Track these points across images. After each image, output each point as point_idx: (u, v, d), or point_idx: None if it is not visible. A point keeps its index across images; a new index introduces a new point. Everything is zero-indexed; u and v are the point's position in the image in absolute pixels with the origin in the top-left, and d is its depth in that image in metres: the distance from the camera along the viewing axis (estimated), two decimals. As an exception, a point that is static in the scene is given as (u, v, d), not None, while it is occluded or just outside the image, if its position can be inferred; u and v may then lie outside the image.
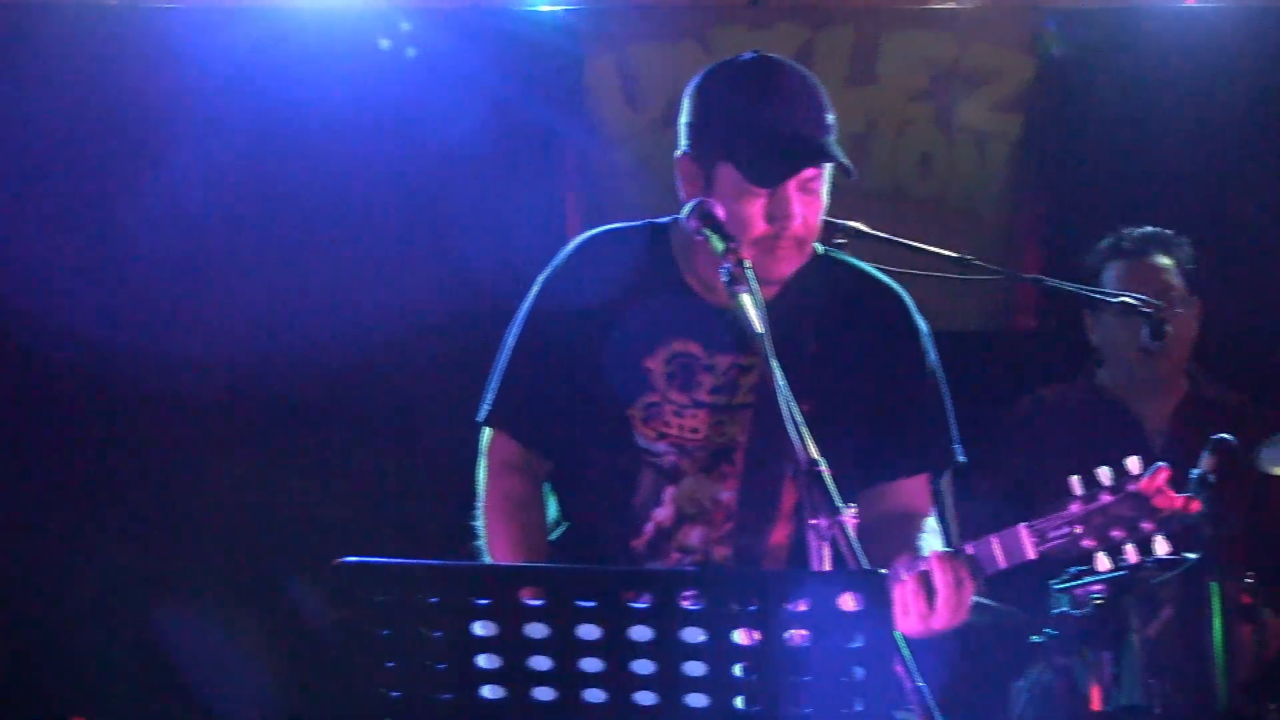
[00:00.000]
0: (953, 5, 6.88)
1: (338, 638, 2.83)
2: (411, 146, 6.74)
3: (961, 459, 4.15)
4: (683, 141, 4.00)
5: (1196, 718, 4.78)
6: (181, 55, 6.68)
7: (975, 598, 5.24)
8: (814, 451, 3.29)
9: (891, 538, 3.92)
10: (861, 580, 2.81)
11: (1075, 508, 3.64)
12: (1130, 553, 3.61)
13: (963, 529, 5.53)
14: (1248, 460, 5.55)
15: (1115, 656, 4.77)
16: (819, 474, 3.25)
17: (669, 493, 4.01)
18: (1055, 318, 6.66)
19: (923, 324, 4.18)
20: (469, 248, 6.53)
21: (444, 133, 6.75)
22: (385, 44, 6.76)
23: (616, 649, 2.74)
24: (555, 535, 4.12)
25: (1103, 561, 3.63)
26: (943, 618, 3.70)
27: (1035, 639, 4.89)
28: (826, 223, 4.82)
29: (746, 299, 3.49)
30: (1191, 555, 4.77)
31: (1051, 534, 3.64)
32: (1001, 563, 3.78)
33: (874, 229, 4.85)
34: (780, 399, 3.35)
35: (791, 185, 3.85)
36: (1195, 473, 4.81)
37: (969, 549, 3.76)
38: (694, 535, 4.01)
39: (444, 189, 6.77)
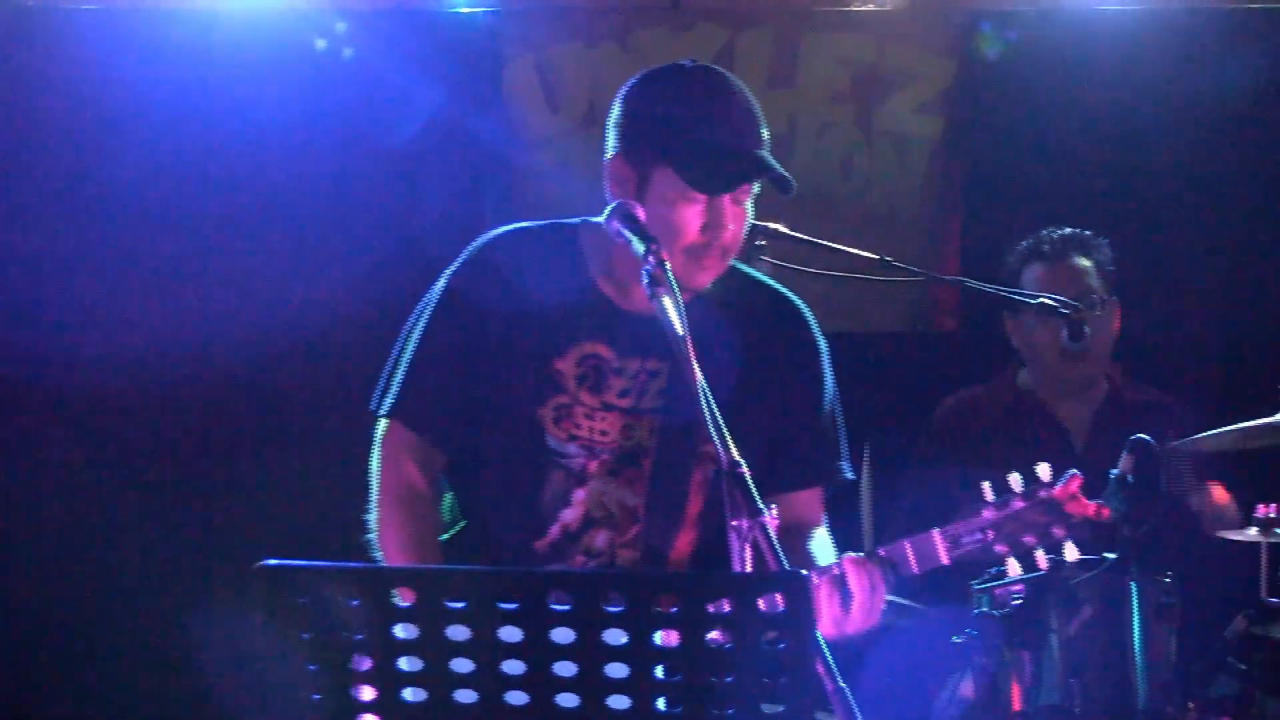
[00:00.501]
0: (873, 8, 6.90)
1: (260, 641, 2.81)
2: (330, 147, 6.72)
3: (850, 476, 4.19)
4: (613, 143, 3.98)
5: (1116, 717, 4.80)
6: (105, 57, 6.65)
7: (895, 599, 5.27)
8: (735, 453, 3.29)
9: (784, 548, 3.93)
10: (783, 581, 2.81)
11: (988, 514, 3.66)
12: (1040, 559, 3.64)
13: (884, 529, 5.56)
14: (1166, 460, 5.58)
15: (1035, 656, 4.79)
16: (741, 475, 3.26)
17: (578, 495, 4.01)
18: (976, 319, 6.68)
19: (823, 341, 4.21)
20: (388, 248, 6.51)
21: (363, 133, 6.74)
22: (321, 44, 6.74)
23: (538, 651, 2.73)
24: (449, 534, 4.10)
25: (1014, 566, 3.66)
26: (856, 621, 3.73)
27: (956, 639, 4.89)
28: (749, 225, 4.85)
29: (668, 301, 3.48)
30: (1110, 555, 4.79)
31: (964, 539, 3.67)
32: (914, 567, 3.81)
33: (795, 231, 4.86)
34: (701, 400, 3.35)
35: (727, 196, 3.87)
36: (1114, 473, 4.83)
37: (882, 552, 3.79)
38: (600, 538, 4.01)
39: (363, 190, 6.75)
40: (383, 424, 4.08)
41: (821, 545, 4.07)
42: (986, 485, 3.66)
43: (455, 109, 6.76)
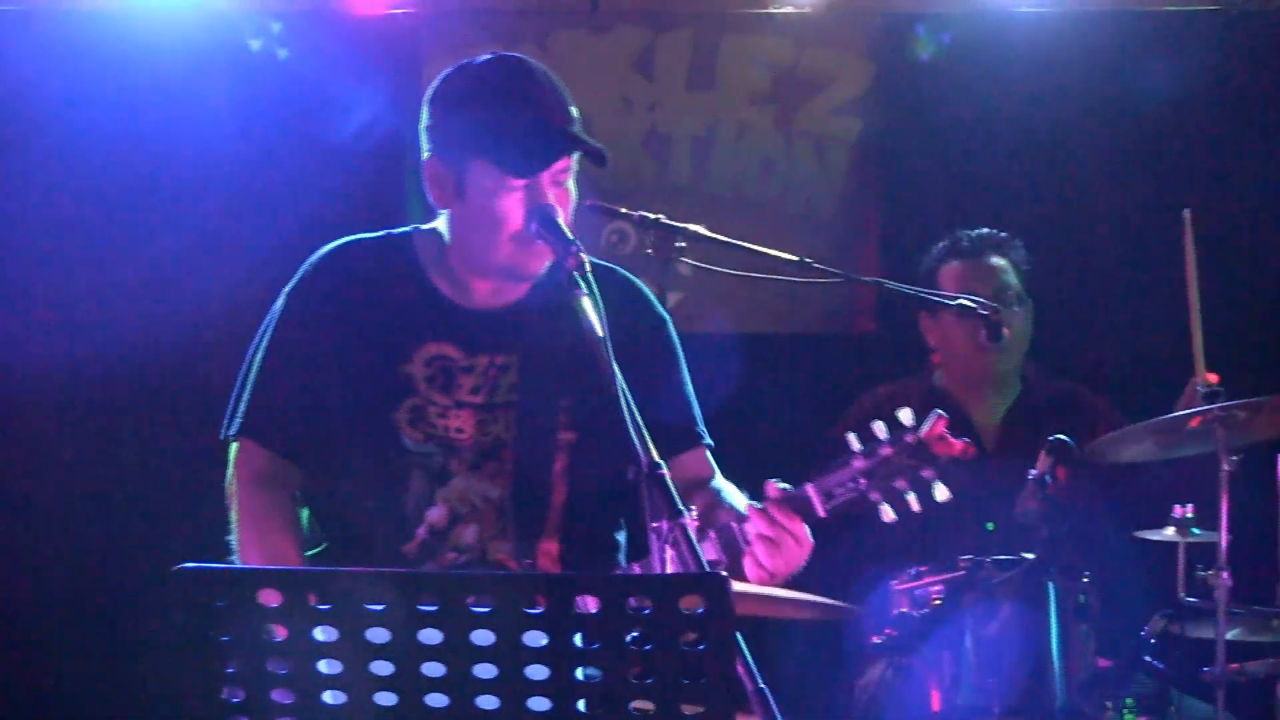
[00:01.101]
0: (791, 10, 6.92)
1: (178, 643, 2.80)
2: (250, 148, 6.68)
3: (709, 442, 4.21)
4: (426, 146, 4.02)
5: (1034, 716, 4.82)
6: (29, 59, 6.62)
7: (819, 599, 5.28)
8: (655, 454, 3.29)
9: (695, 504, 3.96)
10: (703, 583, 2.81)
11: (858, 463, 3.66)
12: (913, 502, 3.64)
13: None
14: (1083, 460, 5.62)
15: (954, 656, 4.81)
16: (660, 476, 3.26)
17: (441, 493, 4.00)
18: (894, 320, 6.71)
19: (666, 312, 4.26)
20: (308, 249, 6.47)
21: (283, 134, 6.71)
22: (255, 45, 6.71)
23: (458, 653, 2.73)
24: (312, 553, 4.06)
25: (887, 513, 3.66)
26: (788, 561, 3.74)
27: (876, 640, 4.91)
28: (667, 226, 4.84)
29: (587, 303, 3.52)
30: (1029, 555, 4.82)
31: (837, 490, 3.67)
32: None
33: (714, 232, 4.86)
34: (621, 402, 3.37)
35: (545, 178, 3.89)
36: (1032, 474, 4.86)
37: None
38: (469, 533, 4.00)
39: (283, 191, 6.71)
40: (234, 447, 4.07)
41: (729, 488, 4.11)
42: (852, 436, 3.66)
43: (376, 109, 6.74)
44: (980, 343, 5.59)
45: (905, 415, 3.65)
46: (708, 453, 4.21)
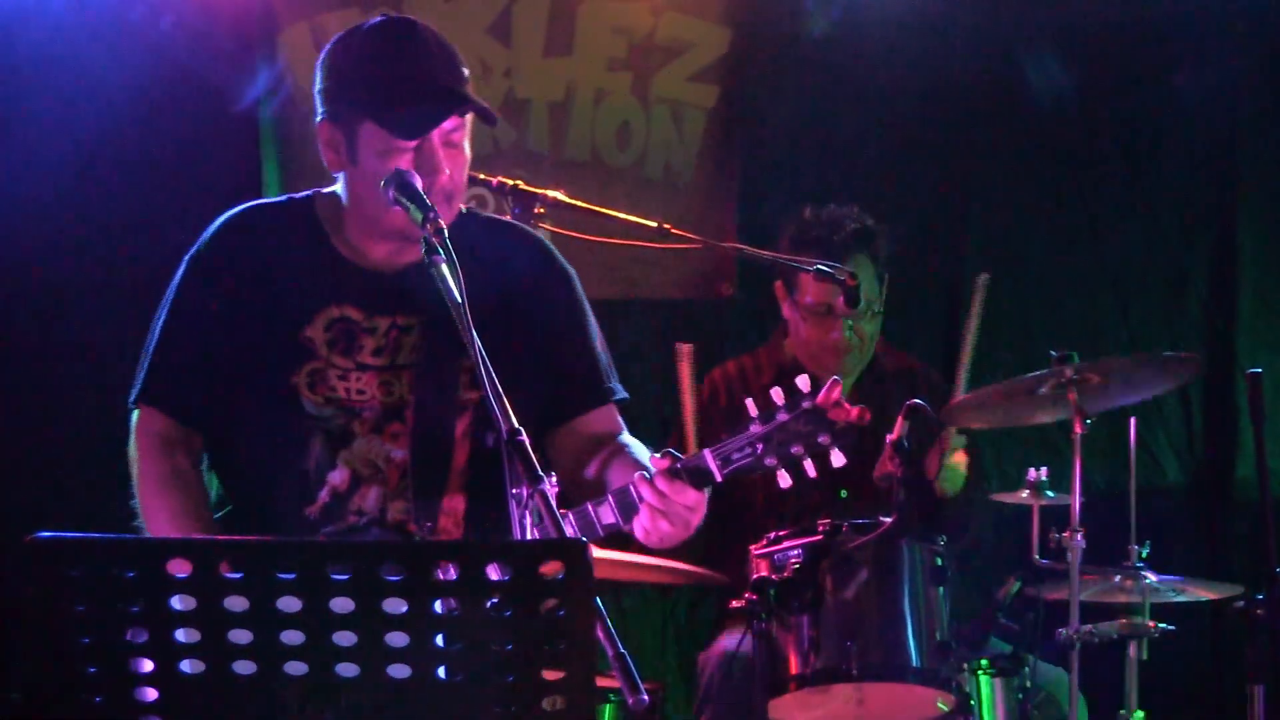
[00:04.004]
0: (649, -25, 6.92)
1: (32, 614, 2.76)
2: (105, 119, 6.59)
3: (624, 394, 4.24)
4: (319, 109, 4.00)
5: (892, 679, 4.86)
6: None
7: (682, 566, 5.30)
8: (515, 420, 3.30)
9: (598, 461, 4.05)
10: (563, 549, 2.81)
11: (755, 428, 3.67)
12: (809, 468, 3.66)
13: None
14: (938, 425, 5.67)
15: (813, 620, 4.83)
16: (521, 443, 3.27)
17: (343, 455, 4.00)
18: (753, 286, 6.72)
19: (570, 268, 4.26)
20: (167, 222, 6.41)
21: (137, 105, 6.62)
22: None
23: (317, 621, 2.72)
24: (219, 516, 4.07)
25: (784, 478, 3.68)
26: (676, 530, 3.74)
27: (734, 604, 4.93)
28: (526, 192, 4.84)
29: (446, 269, 3.52)
30: (886, 519, 4.85)
31: (735, 456, 3.68)
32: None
33: (572, 198, 4.86)
34: (480, 370, 3.37)
35: (436, 138, 3.88)
36: (890, 438, 4.90)
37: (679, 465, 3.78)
38: (370, 496, 4.00)
39: (140, 164, 6.64)
40: (135, 414, 4.07)
41: (635, 445, 4.12)
42: (749, 401, 3.68)
43: (230, 78, 6.68)
44: (837, 310, 5.61)
45: (802, 382, 3.67)
46: (615, 409, 4.22)
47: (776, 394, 3.67)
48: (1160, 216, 6.97)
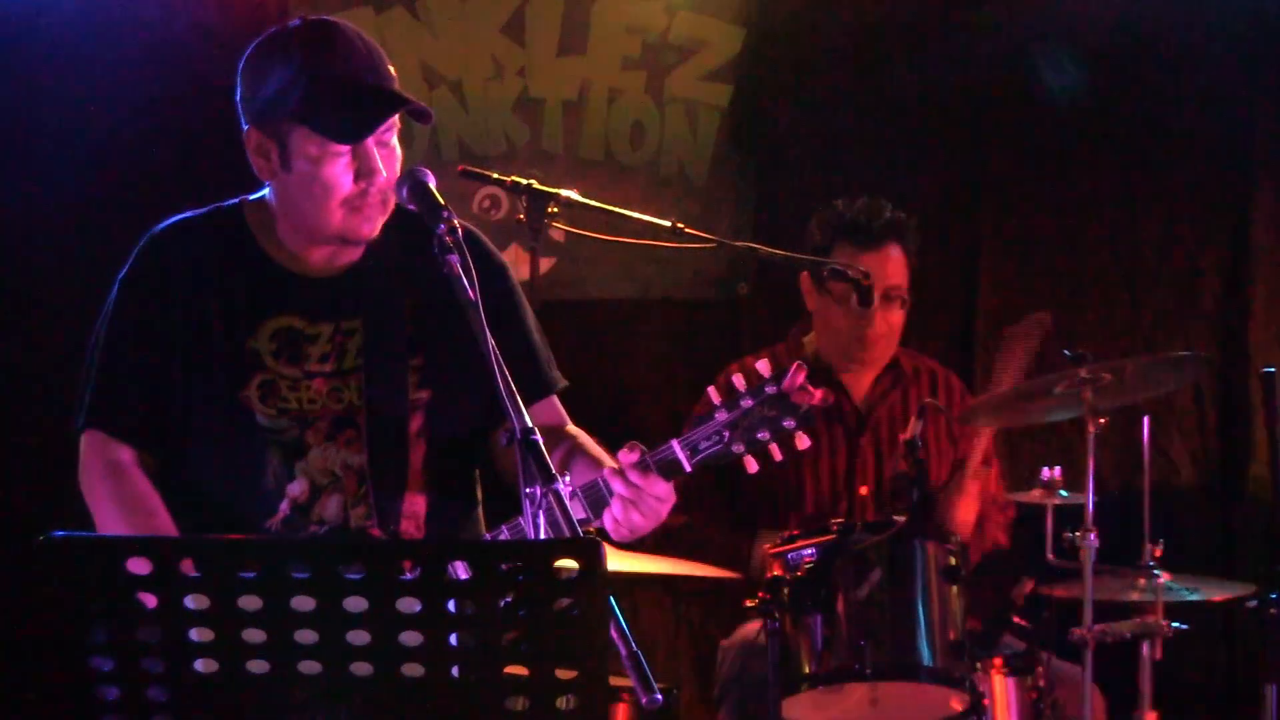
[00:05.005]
0: (661, -25, 6.92)
1: (44, 614, 2.77)
2: (115, 120, 6.61)
3: (564, 382, 4.21)
4: (245, 117, 3.94)
5: (905, 678, 4.86)
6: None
7: (703, 568, 5.30)
8: (528, 419, 3.29)
9: (558, 456, 3.98)
10: (577, 547, 2.82)
11: (721, 416, 3.67)
12: (775, 452, 3.66)
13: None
14: (951, 425, 5.68)
15: (826, 619, 4.83)
16: (534, 442, 3.26)
17: (299, 466, 3.96)
18: (769, 285, 6.72)
19: (501, 257, 4.19)
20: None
21: (147, 106, 6.63)
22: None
23: (331, 619, 2.72)
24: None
25: (751, 463, 3.68)
26: (646, 521, 3.74)
27: (748, 603, 4.93)
28: (540, 192, 4.84)
29: (460, 268, 3.49)
30: (899, 518, 4.86)
31: (703, 445, 3.68)
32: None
33: (586, 197, 4.86)
34: (494, 369, 3.36)
35: (370, 140, 3.83)
36: (904, 437, 4.90)
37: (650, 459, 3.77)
38: (331, 505, 3.97)
39: (150, 165, 6.65)
40: (84, 440, 4.00)
41: (582, 437, 4.09)
42: (712, 389, 3.68)
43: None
44: (854, 308, 5.61)
45: (764, 367, 3.67)
46: (556, 399, 4.19)
47: (739, 380, 3.68)
48: (1174, 215, 6.95)
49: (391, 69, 3.90)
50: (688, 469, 3.70)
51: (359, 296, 3.96)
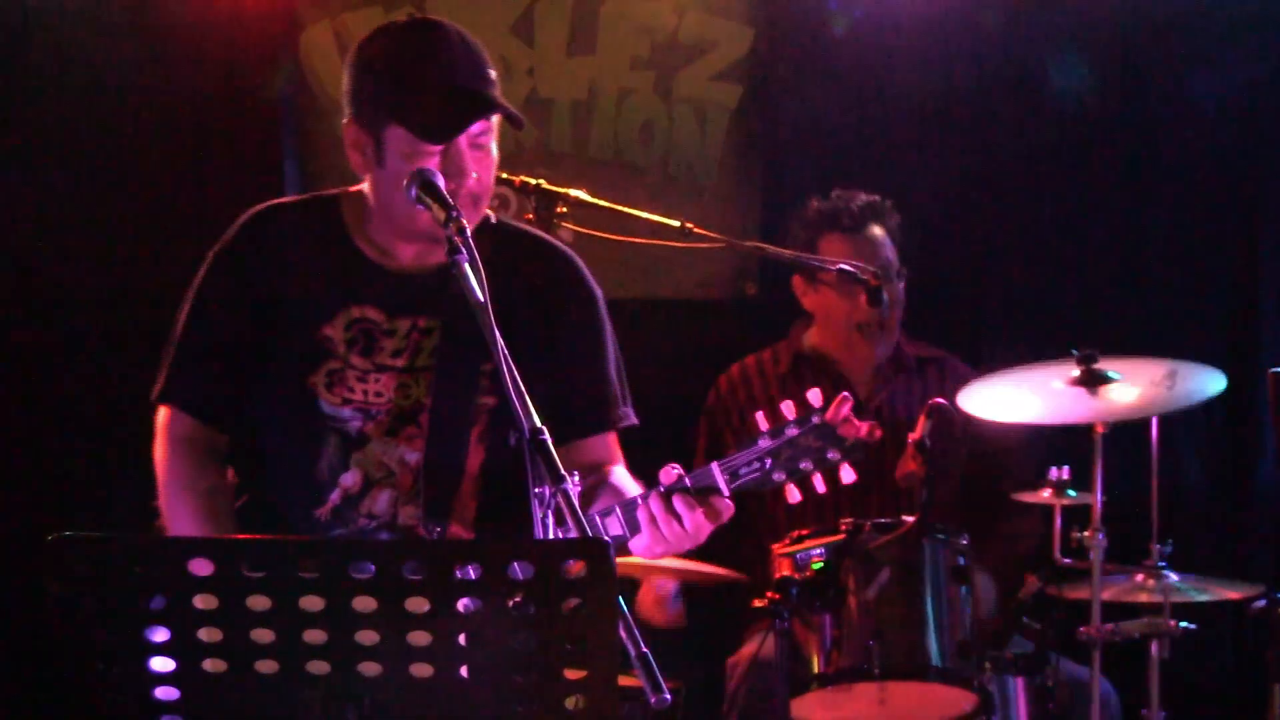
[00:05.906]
0: (671, -26, 6.92)
1: (54, 612, 2.78)
2: (127, 117, 6.62)
3: (634, 421, 4.21)
4: (346, 110, 3.98)
5: (914, 678, 4.86)
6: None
7: (708, 568, 5.30)
8: (537, 420, 3.30)
9: (593, 487, 3.99)
10: (586, 548, 2.82)
11: (764, 443, 3.66)
12: (818, 483, 3.65)
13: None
14: (962, 424, 5.67)
15: (835, 619, 4.84)
16: (543, 442, 3.27)
17: (356, 457, 3.99)
18: (777, 285, 6.72)
19: (597, 289, 4.21)
20: (188, 220, 6.42)
21: (159, 103, 6.65)
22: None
23: (340, 620, 2.73)
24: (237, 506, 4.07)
25: (793, 493, 3.67)
26: (683, 541, 3.71)
27: (757, 603, 4.93)
28: (549, 192, 4.84)
29: (468, 269, 3.49)
30: (908, 518, 4.86)
31: (743, 470, 3.67)
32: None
33: (595, 197, 4.86)
34: (503, 368, 3.36)
35: (463, 141, 3.86)
36: (912, 437, 4.90)
37: (688, 482, 3.76)
38: (382, 500, 3.99)
39: (162, 162, 6.66)
40: (161, 412, 4.06)
41: (626, 479, 4.07)
42: (760, 415, 3.67)
43: (252, 76, 6.70)
44: (860, 308, 5.61)
45: (815, 397, 3.66)
46: (614, 439, 4.18)
47: (787, 408, 3.66)
48: (1181, 215, 6.95)
49: (492, 72, 3.93)
50: (726, 494, 3.69)
51: (441, 296, 3.95)
